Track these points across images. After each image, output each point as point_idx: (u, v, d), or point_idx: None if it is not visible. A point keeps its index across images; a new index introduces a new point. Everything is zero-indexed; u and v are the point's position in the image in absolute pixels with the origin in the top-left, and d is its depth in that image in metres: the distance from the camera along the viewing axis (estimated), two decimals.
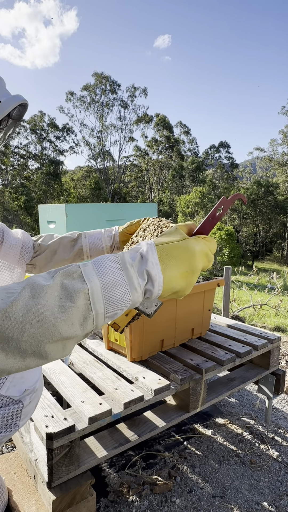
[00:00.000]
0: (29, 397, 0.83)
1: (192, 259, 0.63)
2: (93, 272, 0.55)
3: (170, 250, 0.62)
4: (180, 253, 0.62)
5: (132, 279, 0.57)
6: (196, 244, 0.64)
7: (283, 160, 37.02)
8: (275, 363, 1.71)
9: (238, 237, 30.89)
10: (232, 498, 1.33)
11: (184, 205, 26.68)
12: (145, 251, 0.60)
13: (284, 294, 7.01)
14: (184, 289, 0.63)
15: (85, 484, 0.98)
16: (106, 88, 34.28)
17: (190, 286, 0.64)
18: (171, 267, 0.60)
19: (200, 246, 0.65)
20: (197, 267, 0.63)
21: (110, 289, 0.54)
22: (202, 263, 0.65)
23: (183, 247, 0.63)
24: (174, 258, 0.61)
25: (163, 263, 0.60)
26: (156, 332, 1.41)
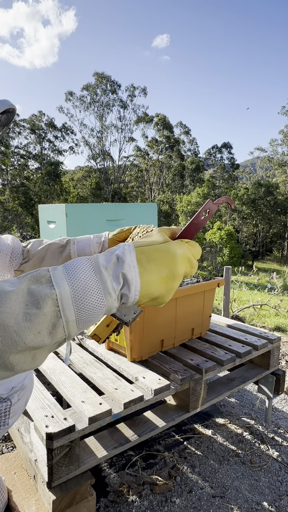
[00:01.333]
0: (18, 394, 0.83)
1: (173, 263, 0.58)
2: (62, 276, 0.51)
3: (150, 252, 0.57)
4: (160, 256, 0.58)
5: (106, 283, 0.53)
6: (178, 248, 0.60)
7: (282, 160, 37.03)
8: (275, 363, 1.71)
9: (238, 237, 30.88)
10: (232, 498, 1.33)
11: (185, 204, 26.70)
12: (122, 253, 0.55)
13: (284, 294, 7.02)
14: (164, 296, 0.59)
15: (85, 484, 0.98)
16: (106, 88, 34.30)
17: (170, 292, 0.60)
18: (150, 270, 0.56)
19: (183, 250, 0.61)
20: (178, 272, 0.59)
21: (81, 294, 0.51)
22: (184, 268, 0.61)
23: (164, 250, 0.58)
24: (153, 261, 0.57)
25: (142, 266, 0.55)
26: (156, 332, 1.41)
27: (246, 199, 32.57)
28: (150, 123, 35.87)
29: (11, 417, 0.82)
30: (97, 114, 35.14)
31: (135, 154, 37.23)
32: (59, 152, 35.02)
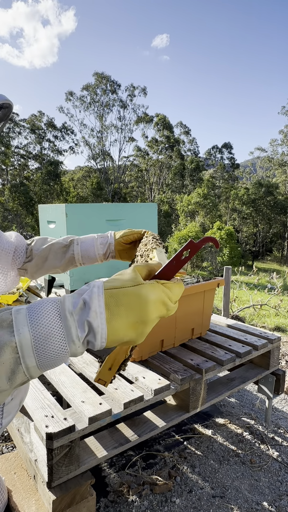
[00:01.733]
0: (11, 394, 0.81)
1: (143, 308, 0.54)
2: (24, 322, 0.49)
3: (119, 296, 0.53)
4: (130, 301, 0.53)
5: (70, 330, 0.50)
6: (151, 292, 0.55)
7: (282, 160, 37.03)
8: (275, 363, 1.71)
9: (238, 237, 30.88)
10: (232, 498, 1.33)
11: (185, 204, 26.70)
12: (89, 297, 0.52)
13: (284, 294, 7.02)
14: (135, 340, 0.56)
15: (85, 484, 0.98)
16: (106, 88, 34.30)
17: (141, 336, 0.56)
18: (118, 316, 0.52)
19: (157, 294, 0.56)
20: (149, 318, 0.54)
21: (42, 342, 0.49)
22: (157, 313, 0.56)
23: (134, 294, 0.54)
24: (123, 306, 0.53)
25: (110, 311, 0.52)
26: (156, 332, 1.41)
27: (246, 199, 32.57)
28: (150, 123, 35.86)
29: (5, 417, 0.80)
30: (97, 114, 35.13)
31: (135, 154, 37.22)
32: (59, 152, 35.03)
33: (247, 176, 42.73)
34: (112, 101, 34.94)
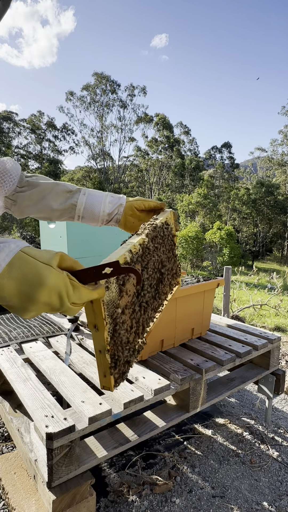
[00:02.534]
0: None
1: (36, 287, 0.55)
2: None
3: (25, 263, 0.55)
4: (30, 272, 0.55)
5: None
6: (53, 278, 0.56)
7: (282, 160, 37.02)
8: (275, 363, 1.71)
9: (238, 237, 30.85)
10: (232, 498, 1.33)
11: (186, 203, 26.69)
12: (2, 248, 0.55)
13: (284, 294, 7.02)
14: (17, 309, 0.57)
15: (85, 484, 0.98)
16: (106, 88, 34.30)
17: (23, 310, 0.56)
18: (12, 278, 0.54)
19: (56, 283, 0.56)
20: (36, 297, 0.55)
21: None
22: (47, 299, 0.56)
23: (37, 269, 0.55)
24: (22, 272, 0.55)
25: (10, 268, 0.54)
26: (156, 332, 1.41)
27: (247, 199, 32.56)
28: (150, 123, 35.86)
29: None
30: (97, 114, 35.14)
31: (135, 154, 37.22)
32: (59, 152, 35.02)
33: (247, 176, 42.71)
34: (112, 101, 34.93)
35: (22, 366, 1.32)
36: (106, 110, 34.97)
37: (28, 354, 1.45)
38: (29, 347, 1.50)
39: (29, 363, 1.42)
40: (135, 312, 0.88)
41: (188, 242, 19.95)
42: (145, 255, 0.91)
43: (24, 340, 1.56)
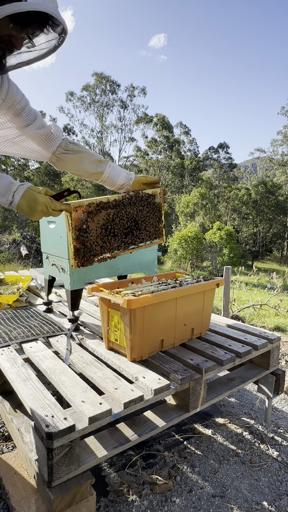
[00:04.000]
0: None
1: (35, 202, 1.12)
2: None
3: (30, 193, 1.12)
4: (32, 197, 1.12)
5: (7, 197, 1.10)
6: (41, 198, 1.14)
7: (282, 160, 37.01)
8: (275, 363, 1.71)
9: (238, 237, 30.82)
10: (232, 498, 1.34)
11: (184, 205, 26.64)
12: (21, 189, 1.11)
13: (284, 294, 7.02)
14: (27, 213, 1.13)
15: (85, 484, 0.98)
16: (106, 88, 34.29)
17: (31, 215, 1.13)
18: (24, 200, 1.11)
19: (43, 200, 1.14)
20: (35, 207, 1.12)
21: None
22: (39, 208, 1.13)
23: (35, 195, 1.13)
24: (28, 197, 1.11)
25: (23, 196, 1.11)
26: (156, 332, 1.41)
27: (247, 199, 32.53)
28: (150, 123, 35.86)
29: None
30: (97, 114, 35.13)
31: (135, 154, 37.21)
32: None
33: (247, 176, 42.70)
34: (112, 101, 34.92)
35: (22, 366, 1.32)
36: (106, 111, 34.97)
37: (28, 354, 1.46)
38: (29, 347, 1.50)
39: (29, 363, 1.42)
40: (102, 234, 1.41)
41: (188, 242, 19.93)
42: (119, 205, 1.44)
43: (24, 340, 1.56)
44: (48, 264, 1.84)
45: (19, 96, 1.25)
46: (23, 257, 9.10)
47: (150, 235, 1.59)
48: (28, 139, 1.38)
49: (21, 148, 1.40)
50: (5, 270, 6.56)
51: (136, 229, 1.52)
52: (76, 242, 1.34)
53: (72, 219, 1.31)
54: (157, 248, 1.97)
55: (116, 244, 1.47)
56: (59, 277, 1.74)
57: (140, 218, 1.53)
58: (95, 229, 1.39)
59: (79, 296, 1.68)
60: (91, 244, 1.38)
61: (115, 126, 35.91)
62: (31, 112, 1.31)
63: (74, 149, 1.44)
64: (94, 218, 1.37)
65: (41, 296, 2.36)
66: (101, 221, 1.40)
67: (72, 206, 1.30)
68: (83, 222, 1.34)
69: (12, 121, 1.30)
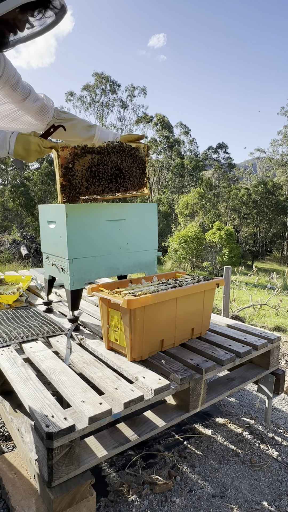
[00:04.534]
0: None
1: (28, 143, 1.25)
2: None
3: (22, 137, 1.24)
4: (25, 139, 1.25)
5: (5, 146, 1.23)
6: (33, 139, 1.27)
7: (282, 160, 36.99)
8: (275, 363, 1.71)
9: (238, 237, 30.78)
10: (232, 498, 1.34)
11: (183, 206, 26.62)
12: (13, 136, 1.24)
13: (284, 294, 7.02)
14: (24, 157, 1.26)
15: (85, 484, 0.98)
16: (106, 88, 34.27)
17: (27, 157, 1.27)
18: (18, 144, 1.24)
19: (35, 140, 1.26)
20: (30, 148, 1.25)
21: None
22: (33, 147, 1.25)
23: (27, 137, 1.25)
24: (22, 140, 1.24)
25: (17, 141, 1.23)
26: (156, 332, 1.41)
27: (247, 199, 32.51)
28: (150, 123, 35.83)
29: None
30: (97, 114, 35.12)
31: None
32: None
33: (247, 176, 42.69)
34: (112, 101, 34.90)
35: (22, 366, 1.32)
36: (106, 110, 34.95)
37: (28, 354, 1.46)
38: (29, 347, 1.50)
39: (29, 363, 1.42)
40: (87, 176, 1.56)
41: (188, 242, 19.93)
42: (104, 152, 1.59)
43: (24, 340, 1.56)
44: (48, 264, 1.84)
45: (13, 71, 1.33)
46: (23, 257, 9.10)
47: (134, 186, 1.73)
48: (25, 114, 1.47)
49: (20, 122, 1.51)
50: (5, 270, 6.56)
51: (121, 177, 1.67)
52: (63, 179, 1.50)
53: (59, 158, 1.47)
54: (157, 248, 1.97)
55: (101, 188, 1.61)
56: (59, 277, 1.74)
57: (124, 168, 1.67)
58: (81, 170, 1.54)
59: (79, 296, 1.68)
60: (76, 183, 1.54)
61: (115, 126, 35.89)
62: (24, 86, 1.40)
63: (66, 118, 1.58)
64: (80, 160, 1.53)
65: (41, 296, 2.36)
66: (86, 164, 1.55)
67: (59, 146, 1.45)
68: (69, 162, 1.50)
69: (9, 95, 1.39)
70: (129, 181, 1.70)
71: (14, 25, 1.00)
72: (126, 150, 1.66)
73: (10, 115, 1.46)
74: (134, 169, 1.71)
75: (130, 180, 1.70)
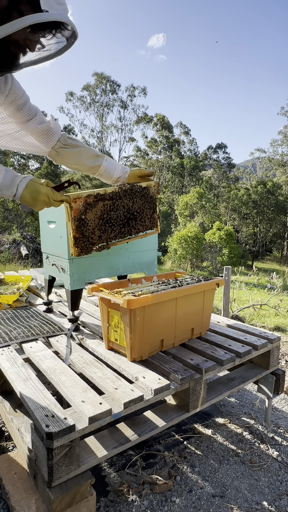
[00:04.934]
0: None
1: (38, 194, 1.21)
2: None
3: (34, 185, 1.21)
4: (34, 188, 1.21)
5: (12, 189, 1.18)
6: (43, 189, 1.22)
7: (282, 160, 36.99)
8: (274, 363, 1.71)
9: (238, 237, 30.78)
10: (232, 498, 1.34)
11: (183, 207, 26.61)
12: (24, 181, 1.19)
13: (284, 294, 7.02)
14: (30, 204, 1.22)
15: (85, 484, 0.98)
16: (106, 88, 34.27)
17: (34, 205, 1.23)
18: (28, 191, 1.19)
19: (45, 191, 1.22)
20: (38, 198, 1.21)
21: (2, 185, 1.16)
22: (42, 198, 1.22)
23: (38, 187, 1.21)
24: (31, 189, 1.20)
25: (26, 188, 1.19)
26: (156, 332, 1.41)
27: (247, 199, 32.50)
28: (150, 123, 35.83)
29: None
30: (97, 114, 35.12)
31: (135, 154, 37.18)
32: None
33: (247, 176, 42.69)
34: (112, 101, 34.90)
35: (22, 366, 1.32)
36: (106, 110, 34.95)
37: (28, 354, 1.46)
38: (29, 347, 1.50)
39: (30, 363, 1.42)
40: (100, 224, 1.48)
41: (187, 242, 19.93)
42: (116, 197, 1.51)
43: (24, 340, 1.56)
44: (48, 264, 1.84)
45: (21, 92, 1.29)
46: (23, 257, 9.10)
47: (146, 226, 1.67)
48: (28, 134, 1.43)
49: (21, 143, 1.46)
50: (5, 270, 6.56)
51: (133, 219, 1.60)
52: (76, 231, 1.41)
53: (71, 210, 1.38)
54: (157, 248, 1.97)
55: (114, 234, 1.54)
56: (59, 277, 1.74)
57: (135, 210, 1.60)
58: (93, 219, 1.45)
59: (79, 296, 1.68)
60: (89, 233, 1.45)
61: (115, 126, 35.89)
62: (31, 108, 1.36)
63: (73, 144, 1.50)
64: (92, 209, 1.44)
65: (41, 296, 2.36)
66: (98, 212, 1.47)
67: (71, 198, 1.37)
68: (82, 213, 1.41)
69: (13, 116, 1.34)
70: (140, 222, 1.63)
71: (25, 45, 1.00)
72: (137, 192, 1.59)
73: (12, 134, 1.42)
74: (145, 209, 1.64)
75: (142, 221, 1.64)
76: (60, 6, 0.97)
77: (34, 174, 30.11)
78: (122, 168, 1.58)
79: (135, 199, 1.58)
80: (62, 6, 0.98)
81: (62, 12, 0.97)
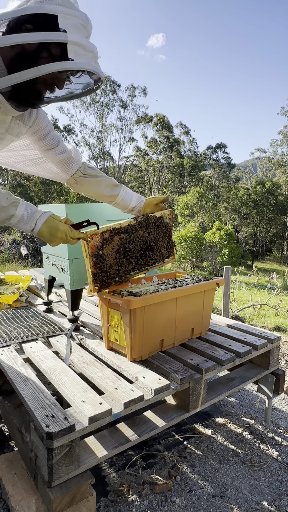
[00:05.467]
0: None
1: (56, 230, 1.22)
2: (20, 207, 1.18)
3: (52, 222, 1.22)
4: (54, 225, 1.22)
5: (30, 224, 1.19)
6: (62, 227, 1.23)
7: (282, 160, 36.99)
8: (274, 363, 1.71)
9: (238, 237, 30.78)
10: (232, 498, 1.34)
11: (183, 207, 26.60)
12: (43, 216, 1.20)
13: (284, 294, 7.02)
14: (48, 240, 1.23)
15: (85, 484, 0.98)
16: (106, 88, 34.26)
17: (51, 241, 1.23)
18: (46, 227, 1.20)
19: (63, 229, 1.23)
20: (56, 235, 1.22)
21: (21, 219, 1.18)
22: (60, 235, 1.23)
23: (56, 224, 1.23)
24: (50, 224, 1.21)
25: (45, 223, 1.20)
26: (156, 332, 1.41)
27: (247, 199, 32.50)
28: (150, 123, 35.82)
29: None
30: (97, 114, 35.11)
31: (135, 154, 37.17)
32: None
33: (247, 176, 42.69)
34: (112, 101, 34.89)
35: (22, 366, 1.32)
36: (106, 110, 34.94)
37: (28, 354, 1.46)
38: (30, 347, 1.50)
39: (30, 363, 1.42)
40: (117, 258, 1.47)
41: (187, 242, 19.93)
42: (131, 229, 1.51)
43: (24, 340, 1.56)
44: (48, 264, 1.84)
45: (45, 123, 1.31)
46: (23, 257, 9.10)
47: (163, 255, 1.67)
48: (49, 161, 1.45)
49: (41, 168, 1.49)
50: (5, 270, 6.56)
51: (149, 250, 1.60)
52: (94, 268, 1.39)
53: (89, 246, 1.37)
54: None
55: (131, 267, 1.53)
56: (59, 277, 1.74)
57: (151, 240, 1.60)
58: (110, 254, 1.45)
59: (79, 296, 1.68)
60: (107, 268, 1.43)
61: (115, 126, 35.88)
62: (54, 137, 1.38)
63: (92, 174, 1.52)
64: (109, 243, 1.44)
65: (41, 296, 2.36)
66: (115, 246, 1.46)
67: (88, 235, 1.35)
68: (99, 249, 1.40)
69: (36, 143, 1.37)
70: (157, 253, 1.63)
71: (53, 83, 1.02)
72: (152, 222, 1.60)
73: (34, 160, 1.45)
74: (161, 238, 1.65)
75: (158, 251, 1.64)
76: (89, 54, 0.98)
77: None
78: (138, 197, 1.60)
79: (150, 230, 1.59)
80: (91, 54, 0.99)
81: (90, 60, 0.99)
